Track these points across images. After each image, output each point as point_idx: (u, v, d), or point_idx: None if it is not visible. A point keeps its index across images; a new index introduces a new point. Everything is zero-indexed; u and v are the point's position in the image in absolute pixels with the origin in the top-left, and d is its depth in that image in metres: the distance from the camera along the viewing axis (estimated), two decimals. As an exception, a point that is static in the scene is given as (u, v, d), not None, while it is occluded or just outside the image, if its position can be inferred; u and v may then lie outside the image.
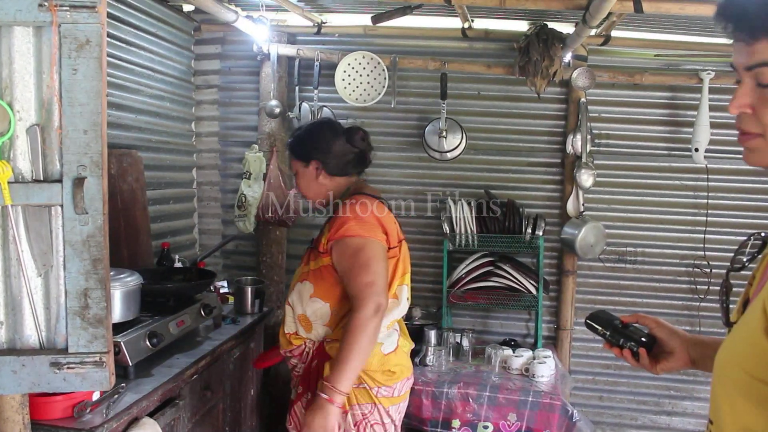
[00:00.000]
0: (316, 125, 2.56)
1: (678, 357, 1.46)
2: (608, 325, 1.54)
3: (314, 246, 2.43)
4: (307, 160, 2.45)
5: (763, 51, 0.99)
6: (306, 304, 2.36)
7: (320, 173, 2.44)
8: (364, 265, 2.24)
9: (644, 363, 1.48)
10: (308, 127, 2.55)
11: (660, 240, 3.99)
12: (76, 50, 1.53)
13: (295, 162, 2.49)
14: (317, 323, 2.36)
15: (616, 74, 3.85)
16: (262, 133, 4.12)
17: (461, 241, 3.80)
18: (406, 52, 3.98)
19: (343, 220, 2.30)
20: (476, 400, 3.21)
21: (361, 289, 2.22)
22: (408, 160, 4.14)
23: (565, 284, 4.04)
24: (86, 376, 1.58)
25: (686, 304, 3.99)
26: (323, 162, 2.44)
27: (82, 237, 1.55)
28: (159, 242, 3.46)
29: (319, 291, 2.35)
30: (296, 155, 2.49)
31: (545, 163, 4.06)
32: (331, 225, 2.35)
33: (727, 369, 1.02)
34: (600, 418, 4.09)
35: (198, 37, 4.14)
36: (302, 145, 2.47)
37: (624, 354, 1.50)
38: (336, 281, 2.33)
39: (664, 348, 1.48)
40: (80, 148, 1.55)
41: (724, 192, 3.88)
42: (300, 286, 2.40)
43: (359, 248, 2.27)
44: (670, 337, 1.48)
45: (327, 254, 2.34)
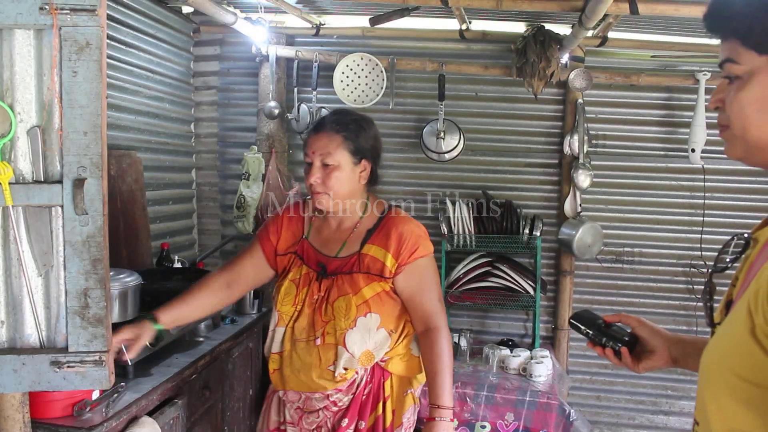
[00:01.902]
0: (371, 122, 2.26)
1: (659, 356, 1.48)
2: (591, 324, 1.56)
3: (364, 271, 2.14)
4: (360, 156, 2.16)
5: (728, 48, 1.06)
6: (374, 337, 2.13)
7: (363, 176, 2.19)
8: (436, 283, 2.21)
9: (626, 362, 1.50)
10: (364, 120, 2.24)
11: (657, 240, 4.01)
12: (76, 53, 1.55)
13: (343, 152, 2.13)
14: (380, 352, 2.16)
15: (612, 75, 3.87)
16: (261, 134, 4.14)
17: (459, 241, 3.82)
18: (404, 53, 4.00)
19: (415, 240, 2.14)
20: (474, 400, 3.23)
21: (436, 305, 2.18)
22: (406, 161, 4.16)
23: (562, 284, 4.06)
24: (86, 374, 1.60)
25: (683, 303, 4.01)
26: (374, 165, 2.23)
27: (82, 237, 1.57)
28: (158, 243, 3.48)
29: (385, 319, 2.14)
30: (352, 147, 2.14)
31: (542, 164, 4.08)
32: (393, 244, 2.14)
33: (713, 370, 1.03)
34: (597, 418, 4.11)
35: (197, 38, 4.16)
36: (362, 139, 2.16)
37: (606, 353, 1.52)
38: (396, 303, 2.18)
39: (646, 347, 1.50)
40: (80, 149, 1.56)
41: (720, 192, 3.90)
42: (365, 321, 2.10)
43: (430, 266, 2.20)
44: (652, 336, 1.50)
45: (390, 279, 2.15)
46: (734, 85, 1.06)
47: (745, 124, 1.05)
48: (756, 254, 1.07)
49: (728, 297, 1.13)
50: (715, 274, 1.22)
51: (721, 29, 1.08)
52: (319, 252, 2.22)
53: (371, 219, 2.22)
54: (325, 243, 2.24)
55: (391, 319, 2.15)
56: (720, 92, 1.11)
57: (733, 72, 1.05)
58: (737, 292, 1.09)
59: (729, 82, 1.08)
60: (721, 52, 1.07)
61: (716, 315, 1.17)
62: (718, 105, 1.11)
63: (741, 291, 1.06)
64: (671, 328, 4.00)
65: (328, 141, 2.12)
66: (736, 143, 1.09)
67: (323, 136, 2.13)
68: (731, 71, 1.06)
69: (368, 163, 2.19)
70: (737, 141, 1.08)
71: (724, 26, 1.08)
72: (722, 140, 1.13)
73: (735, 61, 1.05)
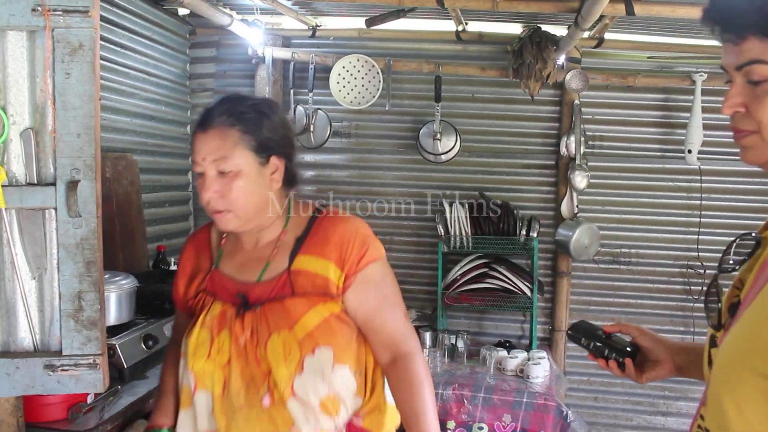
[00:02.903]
0: (274, 106, 1.74)
1: (664, 365, 1.43)
2: (592, 335, 1.49)
3: (300, 293, 1.61)
4: (267, 152, 1.61)
5: (751, 49, 1.00)
6: (331, 379, 1.57)
7: (275, 178, 1.64)
8: (398, 294, 1.71)
9: (630, 373, 1.44)
10: (265, 104, 1.69)
11: (654, 241, 4.01)
12: (69, 54, 1.55)
13: (243, 152, 1.58)
14: (348, 398, 1.62)
15: (609, 76, 3.87)
16: (258, 136, 4.12)
17: (456, 243, 3.82)
18: (401, 54, 4.00)
19: (362, 240, 1.64)
20: (471, 402, 3.23)
21: (403, 324, 1.69)
22: (402, 163, 4.16)
23: (559, 285, 4.06)
24: (80, 378, 1.59)
25: (680, 304, 4.00)
26: (288, 161, 1.68)
27: (76, 240, 1.56)
28: (155, 245, 3.47)
29: (341, 353, 1.60)
30: (254, 144, 1.60)
31: (539, 165, 4.08)
32: (335, 249, 1.63)
33: (733, 372, 0.99)
34: (595, 419, 4.11)
35: (193, 40, 4.15)
36: (266, 130, 1.62)
37: (610, 365, 1.45)
38: (351, 329, 1.64)
39: (649, 356, 1.45)
40: (74, 151, 1.56)
41: (717, 193, 3.90)
42: (314, 362, 1.55)
43: (386, 272, 1.70)
44: (655, 345, 1.45)
45: (339, 296, 1.63)
46: (761, 88, 1.01)
47: None
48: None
49: (731, 299, 1.11)
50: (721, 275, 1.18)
51: (740, 26, 1.02)
52: (236, 280, 1.67)
53: (299, 225, 1.69)
54: (242, 267, 1.69)
55: (348, 352, 1.61)
56: (737, 96, 1.05)
57: (762, 74, 1.00)
58: (746, 293, 1.06)
59: (752, 85, 1.02)
60: (740, 53, 1.02)
61: (712, 318, 1.16)
62: (738, 110, 1.06)
63: (752, 291, 1.04)
64: (668, 329, 4.03)
65: (221, 140, 1.56)
66: (763, 147, 1.04)
67: (214, 134, 1.56)
68: (759, 72, 1.00)
69: (280, 160, 1.63)
70: (766, 145, 1.04)
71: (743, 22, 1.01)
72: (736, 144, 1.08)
73: (765, 61, 0.99)
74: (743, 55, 1.02)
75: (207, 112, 1.63)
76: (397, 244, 4.19)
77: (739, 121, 1.06)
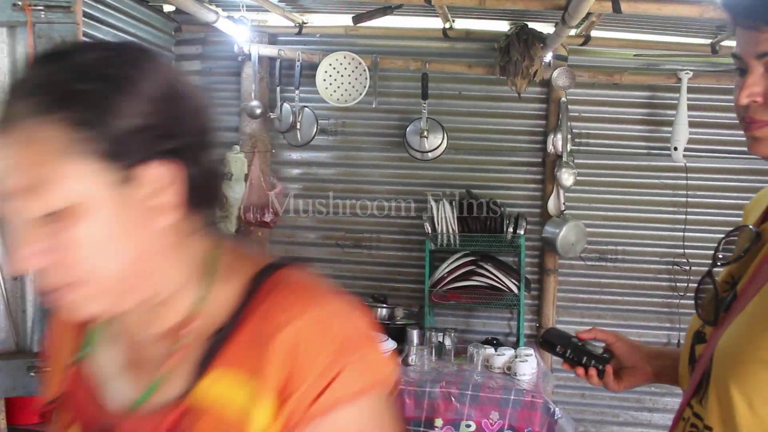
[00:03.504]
0: (138, 53, 0.84)
1: (640, 372, 1.39)
2: (568, 343, 1.42)
3: None
4: (131, 156, 0.78)
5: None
6: None
7: (166, 208, 0.82)
8: None
9: (608, 381, 1.39)
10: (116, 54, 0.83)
11: (640, 238, 4.02)
12: (51, 51, 1.53)
13: (77, 167, 0.75)
14: None
15: (595, 74, 3.87)
16: (243, 134, 4.11)
17: (443, 240, 3.81)
18: (387, 52, 3.99)
19: (338, 348, 0.81)
20: (459, 399, 3.22)
21: None
22: (389, 160, 4.15)
23: (546, 283, 4.06)
24: (63, 378, 1.57)
25: (666, 301, 4.02)
26: (196, 164, 0.84)
27: (58, 239, 1.54)
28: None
29: None
30: (92, 143, 0.76)
31: (526, 163, 4.08)
32: (276, 365, 0.80)
33: (743, 365, 0.98)
34: (582, 416, 4.12)
35: (178, 37, 4.12)
36: (113, 111, 0.77)
37: (589, 373, 1.39)
38: None
39: (625, 363, 1.40)
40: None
41: (702, 190, 3.91)
42: None
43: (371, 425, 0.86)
44: (630, 350, 1.40)
45: None
46: None
47: None
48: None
49: (721, 294, 1.10)
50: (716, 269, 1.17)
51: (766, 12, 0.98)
52: (101, 400, 0.92)
53: (225, 300, 0.87)
54: (124, 369, 0.92)
55: None
56: (756, 85, 1.02)
57: None
58: (744, 286, 1.06)
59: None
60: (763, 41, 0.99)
61: (704, 312, 1.14)
62: (756, 100, 1.03)
63: (755, 284, 1.03)
64: (655, 325, 4.05)
65: (28, 150, 0.75)
66: None
67: (14, 139, 0.76)
68: None
69: (172, 166, 0.81)
70: None
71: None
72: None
73: None
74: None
75: (7, 92, 0.80)
76: (383, 242, 4.18)
77: (756, 111, 1.03)
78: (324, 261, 4.24)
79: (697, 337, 1.16)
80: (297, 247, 4.27)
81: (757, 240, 1.09)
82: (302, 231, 4.25)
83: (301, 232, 4.25)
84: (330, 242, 4.23)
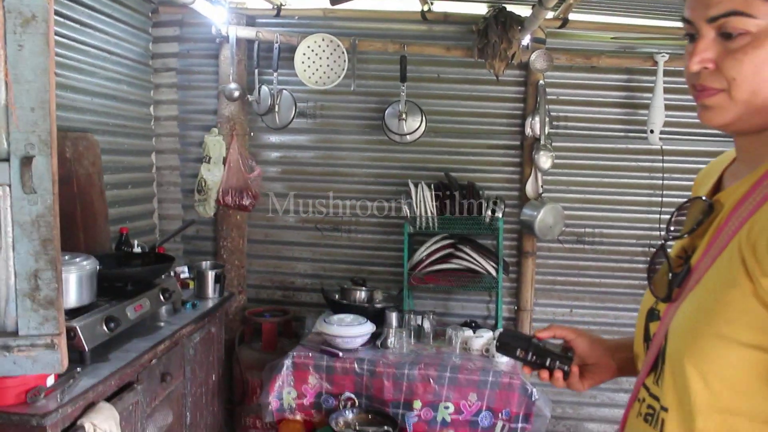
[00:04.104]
0: None
1: (604, 368, 1.33)
2: (527, 344, 1.31)
3: None
4: None
5: (727, 1, 0.95)
6: None
7: None
8: None
9: (574, 381, 1.31)
10: None
11: (617, 221, 4.05)
12: (21, 25, 1.50)
13: None
14: None
15: (573, 57, 3.88)
16: (222, 116, 4.08)
17: (422, 223, 3.82)
18: (366, 34, 3.97)
19: None
20: (437, 381, 3.24)
21: None
22: (368, 143, 4.14)
23: (524, 265, 4.09)
24: (37, 358, 1.56)
25: (642, 283, 4.02)
26: None
27: (31, 217, 1.53)
28: (117, 227, 3.41)
29: None
30: None
31: (504, 146, 4.09)
32: None
33: (699, 340, 0.95)
34: (559, 397, 4.16)
35: (156, 19, 4.08)
36: None
37: (555, 376, 1.29)
38: None
39: (586, 360, 1.33)
40: (28, 126, 1.52)
41: (678, 173, 3.95)
42: None
43: None
44: (593, 346, 1.33)
45: None
46: (737, 43, 0.96)
47: (757, 86, 0.96)
48: (725, 218, 1.01)
49: (675, 269, 1.06)
50: (668, 242, 1.14)
51: None
52: None
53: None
54: None
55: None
56: (707, 50, 0.99)
57: (740, 27, 0.95)
58: (699, 259, 1.03)
59: (722, 39, 0.98)
60: (716, 4, 0.96)
61: (658, 288, 1.10)
62: (707, 66, 0.99)
63: (708, 256, 1.01)
64: (632, 307, 4.09)
65: None
66: (729, 107, 0.99)
67: None
68: (736, 26, 0.95)
69: None
70: (733, 105, 0.98)
71: None
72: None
73: (746, 13, 0.94)
74: (720, 6, 0.96)
75: None
76: (362, 225, 4.18)
77: (707, 78, 1.00)
78: (303, 245, 4.24)
79: (651, 315, 1.13)
80: (276, 231, 4.26)
81: (710, 212, 1.05)
82: (281, 215, 4.23)
83: (280, 215, 4.23)
84: (309, 226, 4.22)
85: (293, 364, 3.31)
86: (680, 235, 1.11)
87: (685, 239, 1.10)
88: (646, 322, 1.14)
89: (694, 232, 1.07)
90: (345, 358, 3.31)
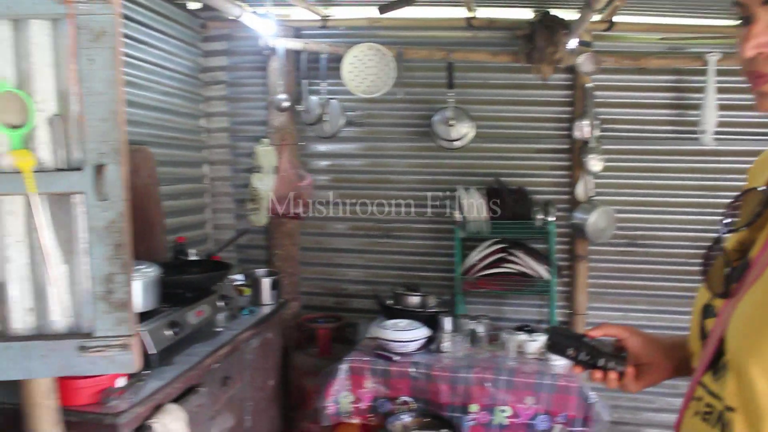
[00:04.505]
0: None
1: (659, 368, 1.25)
2: (579, 344, 1.25)
3: None
4: None
5: None
6: None
7: None
8: None
9: (628, 383, 1.25)
10: None
11: (670, 223, 4.00)
12: (92, 41, 1.57)
13: None
14: None
15: (621, 59, 3.86)
16: (272, 127, 4.15)
17: (473, 228, 3.83)
18: (412, 43, 4.01)
19: None
20: (493, 385, 3.24)
21: None
22: (416, 150, 4.17)
23: (577, 269, 4.06)
24: (113, 359, 1.61)
25: (697, 286, 3.98)
26: None
27: (105, 223, 1.59)
28: (173, 237, 3.50)
29: None
30: None
31: (553, 149, 4.08)
32: None
33: (764, 340, 0.88)
34: (617, 402, 4.10)
35: (205, 33, 4.18)
36: None
37: (608, 377, 1.24)
38: None
39: (640, 360, 1.25)
40: (99, 136, 1.58)
41: (732, 173, 3.88)
42: None
43: None
44: (647, 346, 1.26)
45: None
46: None
47: None
48: None
49: (727, 263, 1.02)
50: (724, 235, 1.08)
51: None
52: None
53: None
54: None
55: None
56: (761, 35, 0.92)
57: None
58: (758, 253, 0.97)
59: None
60: None
61: (713, 284, 1.05)
62: (763, 51, 0.93)
63: (766, 251, 0.96)
64: (686, 310, 4.00)
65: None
66: None
67: None
68: None
69: None
70: None
71: None
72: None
73: None
74: None
75: None
76: (414, 231, 4.21)
77: (763, 64, 0.93)
78: (354, 251, 4.28)
79: (706, 311, 1.08)
80: (327, 238, 4.32)
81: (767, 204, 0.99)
82: (332, 222, 4.28)
83: (331, 223, 4.29)
84: (360, 233, 4.26)
85: (349, 368, 3.34)
86: (737, 228, 1.06)
87: (743, 232, 1.05)
88: (702, 318, 1.10)
89: (753, 224, 1.02)
90: (401, 363, 3.33)
